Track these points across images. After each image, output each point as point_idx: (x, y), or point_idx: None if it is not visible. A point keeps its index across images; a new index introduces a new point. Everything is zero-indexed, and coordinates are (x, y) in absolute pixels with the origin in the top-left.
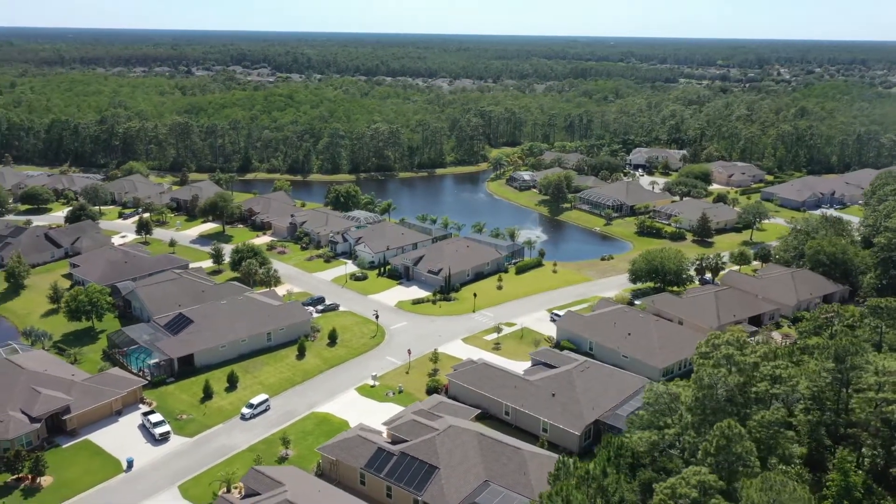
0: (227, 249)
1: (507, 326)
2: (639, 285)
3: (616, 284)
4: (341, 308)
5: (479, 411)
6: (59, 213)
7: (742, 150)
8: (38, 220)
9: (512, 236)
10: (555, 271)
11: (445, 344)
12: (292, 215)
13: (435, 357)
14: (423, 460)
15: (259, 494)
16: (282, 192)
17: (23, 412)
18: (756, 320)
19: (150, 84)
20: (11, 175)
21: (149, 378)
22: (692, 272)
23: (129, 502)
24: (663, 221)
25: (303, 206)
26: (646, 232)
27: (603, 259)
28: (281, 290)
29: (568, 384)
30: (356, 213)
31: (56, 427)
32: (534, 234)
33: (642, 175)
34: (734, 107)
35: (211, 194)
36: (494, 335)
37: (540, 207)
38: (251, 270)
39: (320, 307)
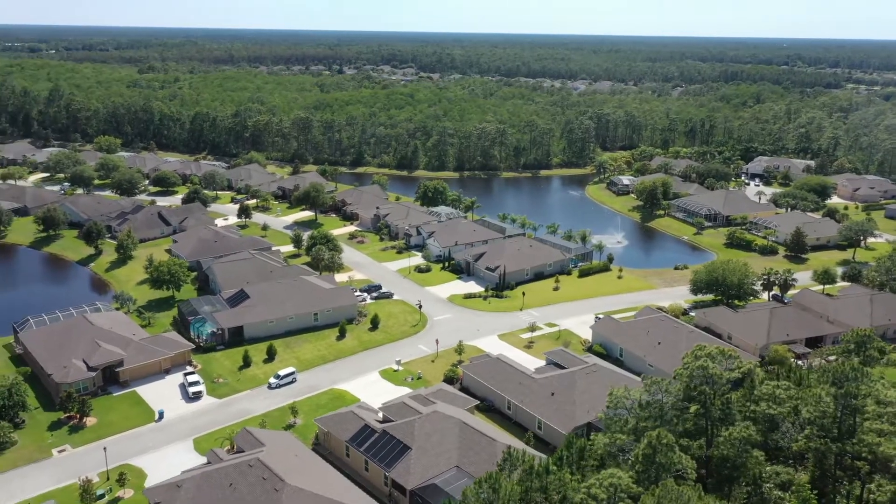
0: (307, 236)
1: (548, 327)
2: (699, 297)
3: (679, 295)
4: (395, 297)
5: (477, 402)
6: (181, 196)
7: (880, 162)
8: (162, 201)
9: (583, 239)
10: (620, 277)
11: (481, 338)
12: (377, 207)
13: (460, 349)
14: (399, 440)
15: (243, 452)
16: (376, 185)
17: (84, 362)
18: (816, 342)
19: (293, 81)
20: (152, 160)
21: (201, 344)
22: (758, 287)
23: (150, 447)
24: (756, 234)
25: (397, 199)
26: (735, 244)
27: (676, 268)
28: (343, 277)
29: (569, 385)
30: (439, 208)
31: (111, 377)
32: (614, 238)
33: (758, 185)
34: (886, 115)
35: (318, 184)
36: (529, 334)
37: (633, 213)
38: (319, 256)
39: (374, 294)
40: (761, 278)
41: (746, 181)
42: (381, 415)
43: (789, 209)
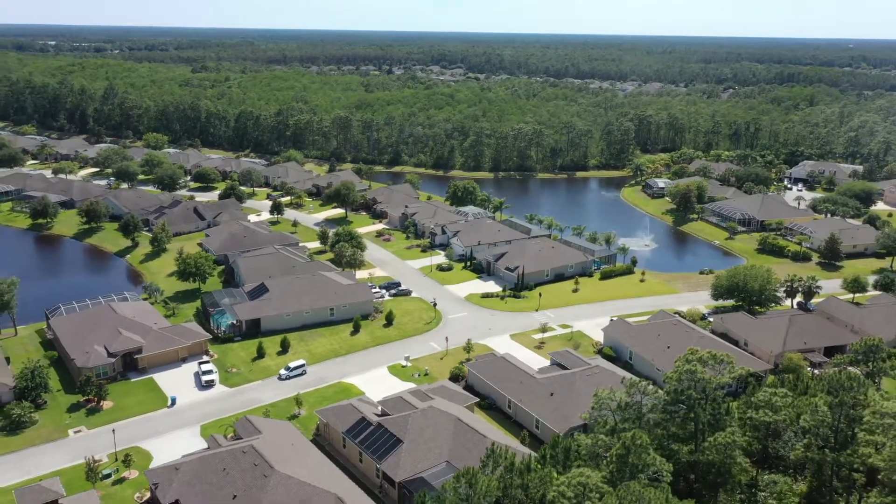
0: (332, 232)
1: (561, 328)
2: (720, 303)
3: (701, 300)
4: (413, 294)
5: (477, 399)
6: (219, 192)
7: None
8: (201, 197)
9: (608, 241)
10: (642, 280)
11: (493, 337)
12: (406, 206)
13: (469, 347)
14: (392, 433)
15: (241, 439)
16: (407, 184)
17: (105, 348)
18: (835, 351)
19: (339, 81)
20: (195, 157)
21: (219, 334)
22: (780, 294)
23: (159, 431)
24: (790, 239)
25: (428, 198)
26: (767, 249)
27: (701, 273)
28: (364, 273)
29: (569, 386)
30: (468, 208)
31: (131, 364)
32: (643, 241)
33: (800, 190)
34: None
35: (349, 182)
36: (541, 335)
37: (665, 216)
38: (342, 252)
39: (393, 291)
40: (784, 285)
41: (789, 186)
42: (379, 409)
43: (828, 215)
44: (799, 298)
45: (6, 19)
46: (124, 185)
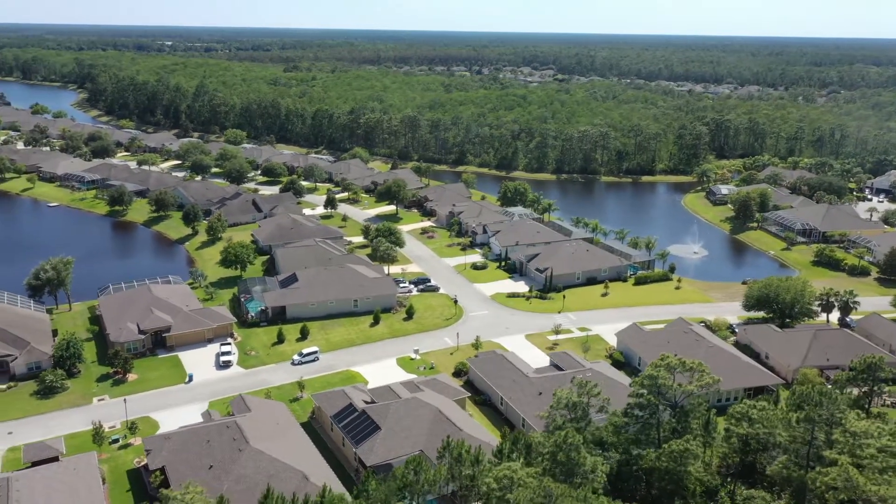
0: (374, 228)
1: (580, 331)
2: (752, 314)
3: (734, 310)
4: (441, 291)
5: (468, 394)
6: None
7: None
8: (266, 190)
9: (648, 247)
10: (678, 288)
11: (509, 336)
12: (454, 205)
13: (477, 344)
14: (373, 420)
15: (232, 415)
16: (461, 183)
17: (137, 325)
18: None
19: (421, 81)
20: (267, 152)
21: (247, 319)
22: (815, 307)
23: (171, 404)
24: (850, 252)
25: (482, 198)
26: (822, 262)
27: (744, 283)
28: (396, 268)
29: (558, 387)
30: (515, 208)
31: (160, 342)
32: (691, 249)
33: (881, 201)
34: None
35: (406, 180)
36: (554, 336)
37: (723, 224)
38: (377, 247)
39: (421, 286)
40: (820, 299)
41: (869, 196)
42: (370, 397)
43: None
44: (838, 314)
45: (134, 21)
46: (198, 178)
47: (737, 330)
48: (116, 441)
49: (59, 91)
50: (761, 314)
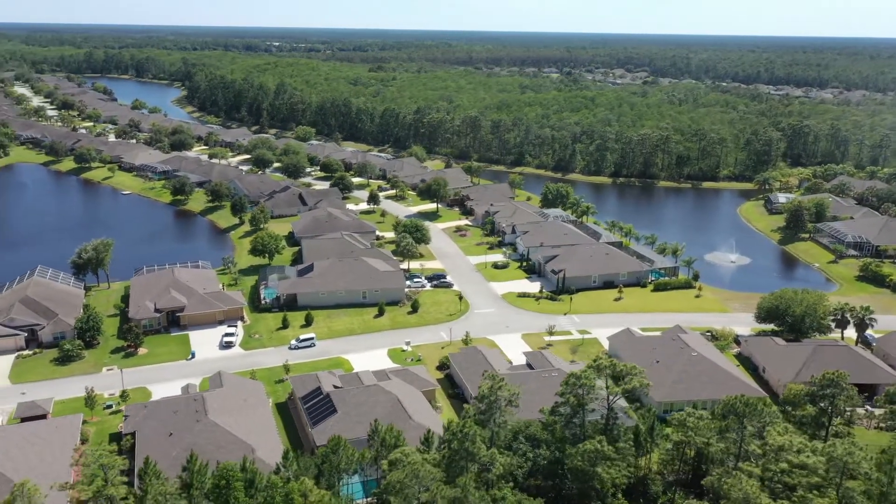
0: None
1: (580, 333)
2: (764, 326)
3: (748, 321)
4: (455, 287)
5: (436, 386)
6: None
7: None
8: (320, 185)
9: (675, 253)
10: (697, 296)
11: (506, 334)
12: (491, 204)
13: (467, 340)
14: (332, 403)
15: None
16: (505, 184)
17: (154, 304)
18: (867, 390)
19: (497, 82)
20: (330, 149)
21: (260, 305)
22: (829, 322)
23: (167, 377)
24: None
25: (527, 199)
26: (868, 277)
27: (772, 294)
28: (416, 264)
29: (522, 385)
30: (551, 210)
31: (175, 321)
32: (729, 257)
33: None
34: None
35: (454, 179)
36: (548, 337)
37: (774, 234)
38: (400, 242)
39: (435, 282)
40: (834, 314)
41: None
42: (339, 382)
43: None
44: (855, 330)
45: (249, 23)
46: (258, 171)
47: (741, 341)
48: (110, 406)
49: (165, 88)
50: (771, 327)
